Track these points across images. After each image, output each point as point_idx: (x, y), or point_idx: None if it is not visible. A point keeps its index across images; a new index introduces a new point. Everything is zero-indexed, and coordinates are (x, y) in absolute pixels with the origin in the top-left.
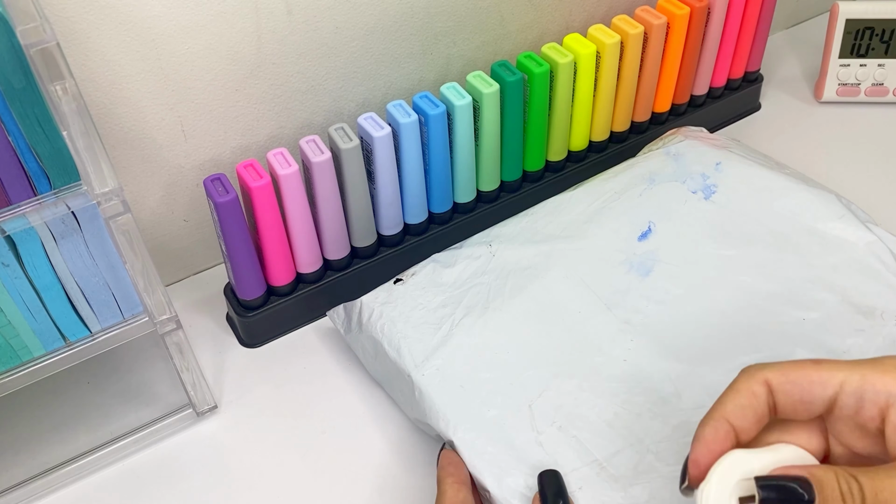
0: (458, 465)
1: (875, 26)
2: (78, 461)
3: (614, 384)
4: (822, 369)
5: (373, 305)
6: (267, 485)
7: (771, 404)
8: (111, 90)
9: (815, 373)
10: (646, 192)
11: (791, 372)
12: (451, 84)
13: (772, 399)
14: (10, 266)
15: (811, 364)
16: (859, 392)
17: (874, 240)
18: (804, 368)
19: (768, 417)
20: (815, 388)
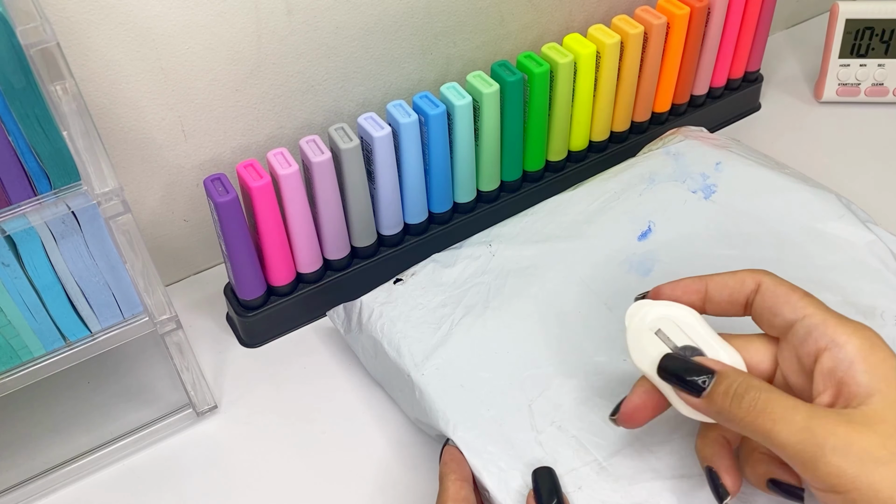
0: (460, 462)
1: (875, 26)
2: (78, 461)
3: (614, 384)
4: (804, 299)
5: (373, 305)
6: (267, 485)
7: (749, 301)
8: (111, 90)
9: (796, 297)
10: (646, 192)
11: (781, 286)
12: (451, 84)
13: (752, 297)
14: (10, 266)
15: (800, 292)
16: (812, 328)
17: (874, 239)
18: (794, 290)
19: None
20: (787, 307)
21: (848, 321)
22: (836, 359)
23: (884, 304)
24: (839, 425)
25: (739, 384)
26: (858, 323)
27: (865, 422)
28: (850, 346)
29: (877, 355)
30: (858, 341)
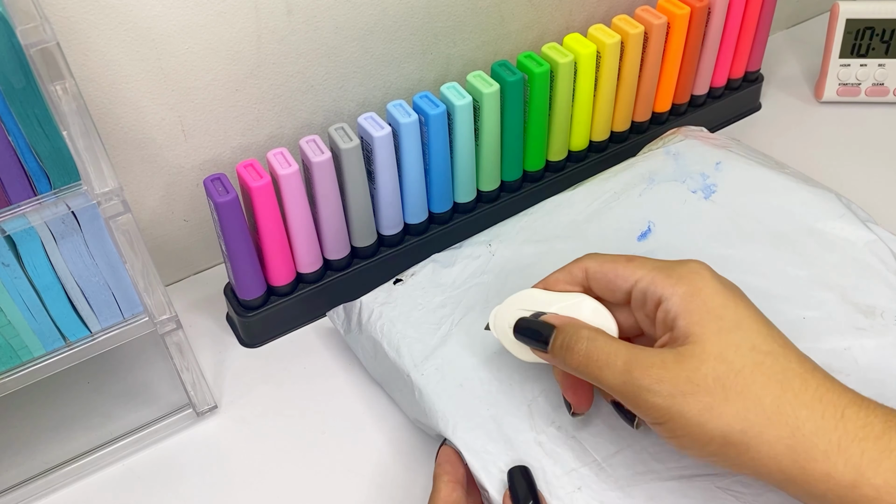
0: (454, 464)
1: (875, 26)
2: (78, 461)
3: None
4: (629, 266)
5: (372, 306)
6: (267, 485)
7: (587, 286)
8: (111, 90)
9: (622, 268)
10: (645, 192)
11: (605, 264)
12: (452, 84)
13: (587, 282)
14: (10, 266)
15: (624, 260)
16: (644, 290)
17: (874, 239)
18: (616, 263)
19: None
20: (618, 280)
21: (674, 273)
22: (665, 310)
23: (884, 304)
24: (653, 367)
25: (570, 336)
26: (686, 270)
27: (677, 360)
28: (675, 297)
29: (695, 302)
30: (682, 290)
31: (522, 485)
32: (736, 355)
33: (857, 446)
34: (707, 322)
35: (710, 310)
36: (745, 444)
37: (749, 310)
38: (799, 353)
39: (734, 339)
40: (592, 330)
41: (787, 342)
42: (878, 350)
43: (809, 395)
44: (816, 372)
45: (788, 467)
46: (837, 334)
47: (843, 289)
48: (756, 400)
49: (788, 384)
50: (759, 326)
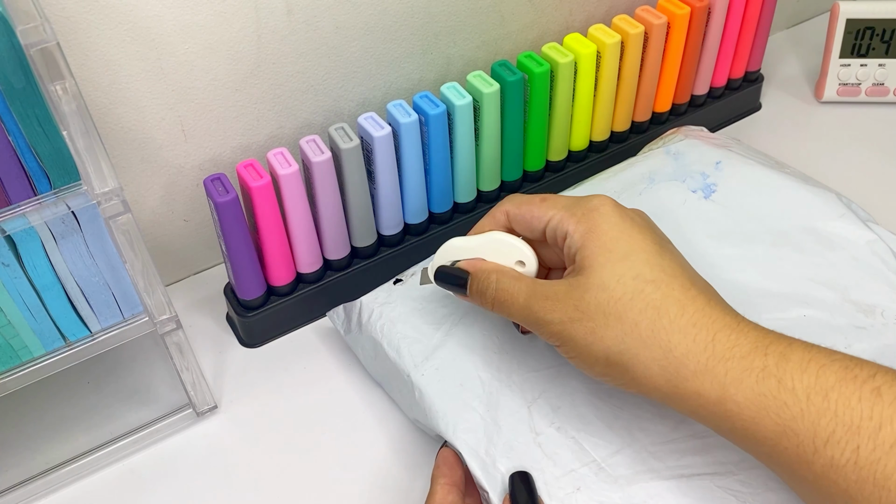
0: (452, 466)
1: (875, 26)
2: (78, 461)
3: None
4: (542, 206)
5: (372, 306)
6: (267, 484)
7: (510, 227)
8: (111, 90)
9: (536, 209)
10: (645, 192)
11: (522, 206)
12: (452, 84)
13: (510, 224)
14: (10, 266)
15: (538, 200)
16: (554, 227)
17: (874, 238)
18: (532, 204)
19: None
20: (534, 221)
21: (578, 210)
22: (568, 246)
23: (884, 303)
24: (547, 299)
25: (481, 281)
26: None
27: (567, 290)
28: (576, 234)
29: (591, 237)
30: (583, 227)
31: (522, 491)
32: (618, 284)
33: (723, 366)
34: (598, 254)
35: (602, 243)
36: (623, 364)
37: (644, 241)
38: (686, 282)
39: (619, 269)
40: (498, 272)
41: (677, 271)
42: (878, 349)
43: (685, 321)
44: (698, 299)
45: (663, 386)
46: (838, 333)
47: (844, 288)
48: (633, 325)
49: (665, 310)
50: (648, 256)
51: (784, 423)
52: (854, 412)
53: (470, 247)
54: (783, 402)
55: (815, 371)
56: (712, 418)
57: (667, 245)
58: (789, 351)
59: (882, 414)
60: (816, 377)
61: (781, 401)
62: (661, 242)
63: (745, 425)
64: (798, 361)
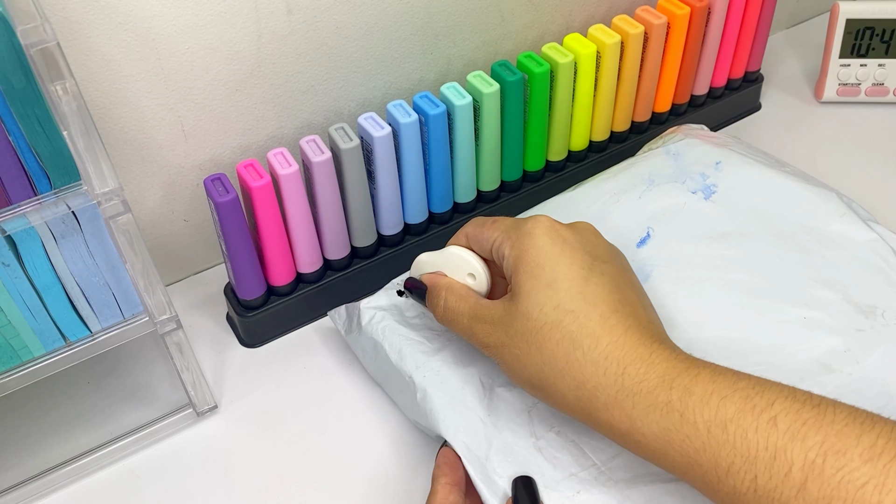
0: (453, 466)
1: (875, 26)
2: (78, 461)
3: None
4: (491, 228)
5: (374, 310)
6: (267, 484)
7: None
8: (111, 90)
9: (486, 230)
10: (645, 194)
11: (477, 227)
12: (452, 84)
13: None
14: (10, 266)
15: (490, 223)
16: (498, 249)
17: (875, 238)
18: (484, 226)
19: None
20: (484, 242)
21: (514, 233)
22: (505, 268)
23: (885, 303)
24: (485, 322)
25: (433, 296)
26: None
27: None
28: (510, 257)
29: (521, 262)
30: (515, 252)
31: (525, 496)
32: (540, 314)
33: (630, 401)
34: (524, 282)
35: (529, 269)
36: (544, 390)
37: (571, 267)
38: (606, 310)
39: (541, 298)
40: (448, 289)
41: (599, 299)
42: (878, 349)
43: (597, 354)
44: (615, 329)
45: (579, 413)
46: (839, 334)
47: (845, 287)
48: (550, 355)
49: (579, 342)
50: (572, 284)
51: (688, 455)
52: (751, 443)
53: (433, 261)
54: (686, 435)
55: (717, 403)
56: (626, 445)
57: (598, 266)
58: (694, 384)
59: (776, 444)
60: (717, 410)
61: (684, 434)
62: (590, 265)
63: (654, 455)
64: (700, 395)
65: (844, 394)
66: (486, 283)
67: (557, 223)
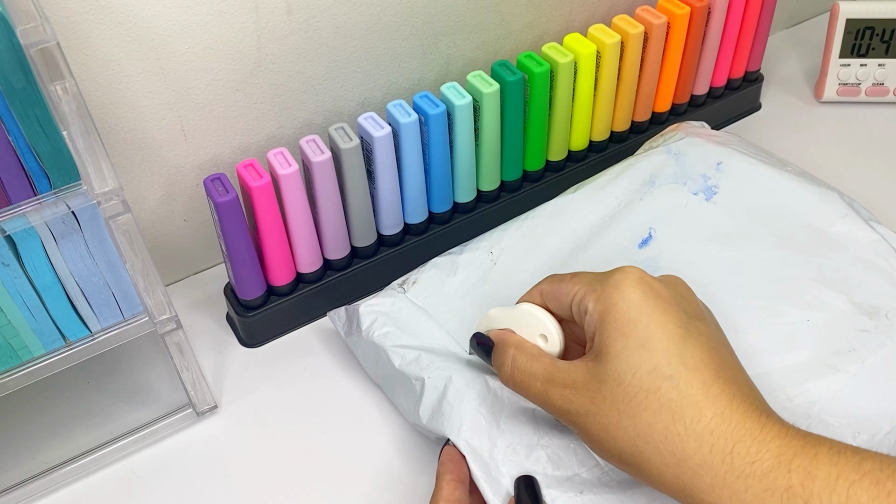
0: (457, 463)
1: (875, 26)
2: (78, 461)
3: None
4: (570, 283)
5: (375, 314)
6: (267, 484)
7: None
8: (111, 90)
9: (565, 285)
10: (646, 196)
11: (554, 283)
12: (452, 84)
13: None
14: (10, 266)
15: (568, 277)
16: (577, 304)
17: (878, 238)
18: (562, 281)
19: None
20: (563, 297)
21: (599, 286)
22: (587, 324)
23: (888, 304)
24: (564, 387)
25: (500, 354)
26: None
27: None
28: (594, 313)
29: (608, 318)
30: (601, 307)
31: (527, 495)
32: (633, 378)
33: (742, 483)
34: (613, 340)
35: (618, 327)
36: (636, 465)
37: (666, 325)
38: (708, 376)
39: (635, 360)
40: (518, 348)
41: (700, 363)
42: (883, 350)
43: (701, 427)
44: (720, 399)
45: (678, 494)
46: (842, 337)
47: (848, 289)
48: (646, 427)
49: (681, 414)
50: (669, 345)
51: None
52: None
53: (502, 317)
54: None
55: (845, 490)
56: None
57: (694, 325)
58: (815, 466)
59: None
60: (847, 497)
61: None
62: (687, 323)
63: None
64: (824, 479)
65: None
66: (559, 347)
67: (648, 275)
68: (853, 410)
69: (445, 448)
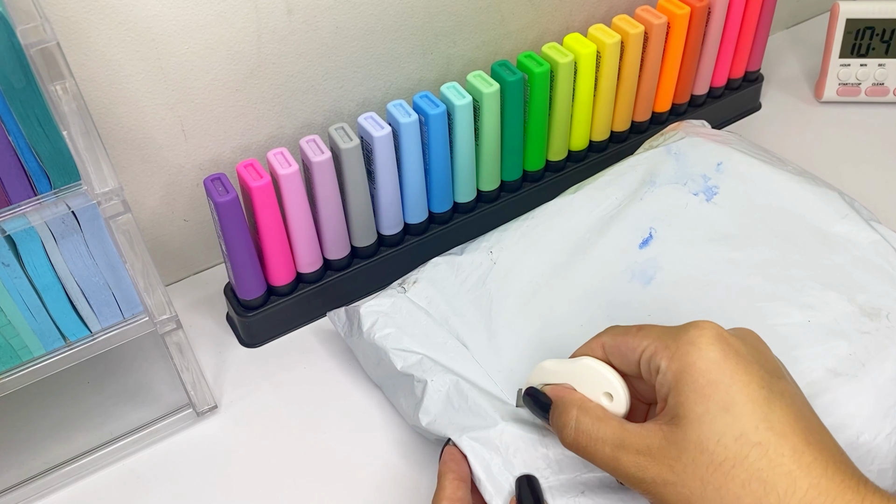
0: (459, 462)
1: (875, 26)
2: (78, 461)
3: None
4: (637, 337)
5: (375, 315)
6: (267, 484)
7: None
8: (111, 90)
9: (631, 339)
10: (647, 196)
11: (618, 337)
12: (452, 84)
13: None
14: (10, 266)
15: (634, 331)
16: (648, 360)
17: (878, 239)
18: (627, 335)
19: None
20: (628, 352)
21: (672, 343)
22: (660, 383)
23: (890, 305)
24: (638, 454)
25: (561, 414)
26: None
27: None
28: (669, 371)
29: (685, 378)
30: (676, 366)
31: (529, 495)
32: (718, 446)
33: None
34: (693, 403)
35: (698, 388)
36: None
37: (749, 385)
38: (799, 442)
39: (718, 425)
40: (581, 408)
41: (788, 427)
42: (884, 352)
43: (797, 500)
44: (813, 467)
45: None
46: (843, 338)
47: (849, 289)
48: (735, 499)
49: (773, 485)
50: (755, 407)
51: None
52: None
53: (560, 371)
54: None
55: None
56: None
57: (776, 385)
58: None
59: None
60: None
61: None
62: (770, 383)
63: None
64: None
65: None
66: (625, 407)
67: (724, 330)
68: (855, 412)
69: (447, 448)
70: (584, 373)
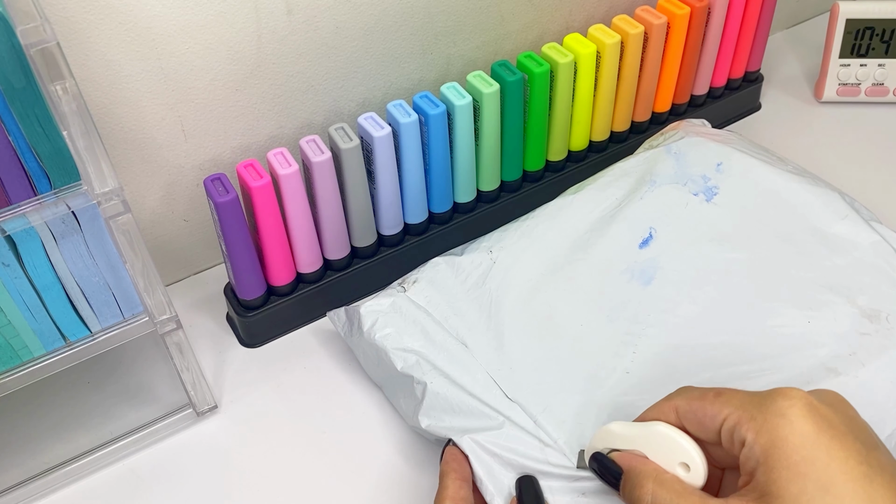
0: (461, 462)
1: (875, 26)
2: (78, 461)
3: (619, 397)
4: (716, 403)
5: (375, 315)
6: (267, 484)
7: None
8: (111, 90)
9: (709, 405)
10: (647, 196)
11: (693, 402)
12: (452, 84)
13: (680, 422)
14: (10, 266)
15: (712, 396)
16: (731, 430)
17: (878, 240)
18: (704, 400)
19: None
20: (706, 420)
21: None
22: (746, 457)
23: (889, 307)
24: None
25: (634, 487)
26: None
27: None
28: (756, 445)
29: (776, 454)
30: (765, 439)
31: (530, 495)
32: None
33: None
34: (787, 482)
35: (791, 465)
36: None
37: (847, 462)
38: None
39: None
40: (657, 480)
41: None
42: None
43: None
44: None
45: None
46: (843, 340)
47: (849, 290)
48: None
49: None
50: (855, 487)
51: None
52: None
53: (629, 435)
54: None
55: None
56: None
57: (875, 458)
58: None
59: None
60: None
61: None
62: (868, 458)
63: None
64: None
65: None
66: (703, 479)
67: (813, 399)
68: None
69: (448, 447)
70: (657, 440)
